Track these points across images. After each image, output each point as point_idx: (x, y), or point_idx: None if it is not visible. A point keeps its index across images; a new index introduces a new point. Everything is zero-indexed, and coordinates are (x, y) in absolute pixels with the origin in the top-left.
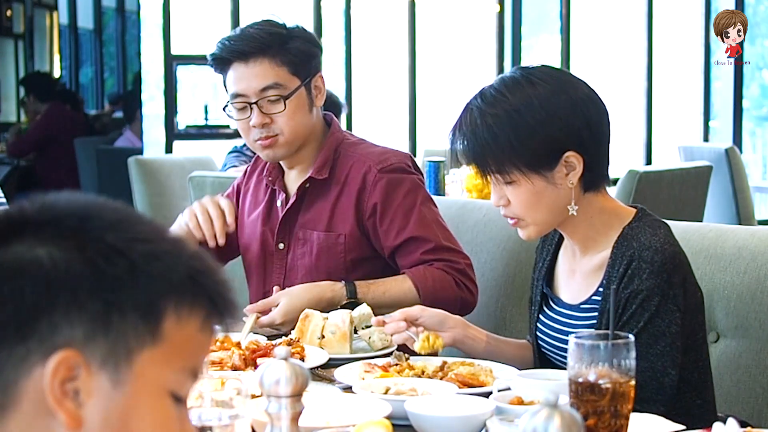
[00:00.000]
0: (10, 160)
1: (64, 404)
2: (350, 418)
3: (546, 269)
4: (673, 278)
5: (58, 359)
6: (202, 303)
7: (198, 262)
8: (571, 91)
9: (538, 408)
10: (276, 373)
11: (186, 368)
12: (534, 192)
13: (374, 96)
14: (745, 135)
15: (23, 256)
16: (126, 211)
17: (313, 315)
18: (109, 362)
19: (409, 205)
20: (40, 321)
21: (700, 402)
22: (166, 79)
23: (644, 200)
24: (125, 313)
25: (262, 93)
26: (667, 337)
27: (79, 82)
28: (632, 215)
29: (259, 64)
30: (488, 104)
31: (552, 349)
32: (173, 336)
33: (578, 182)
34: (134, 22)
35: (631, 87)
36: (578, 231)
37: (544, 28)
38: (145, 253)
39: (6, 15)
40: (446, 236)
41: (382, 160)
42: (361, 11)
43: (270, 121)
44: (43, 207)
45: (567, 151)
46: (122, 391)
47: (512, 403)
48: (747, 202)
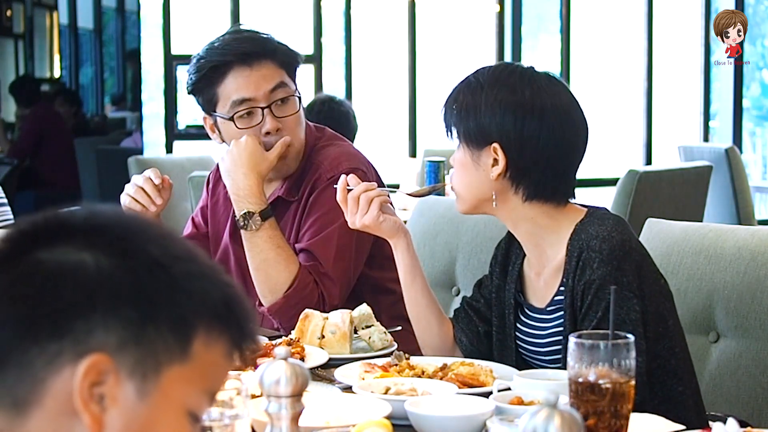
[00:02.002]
0: (10, 160)
1: (90, 407)
2: (350, 418)
3: (516, 276)
4: (623, 264)
5: (90, 362)
6: (232, 330)
7: (232, 290)
8: (532, 95)
9: (538, 408)
10: (276, 373)
11: (207, 391)
12: (462, 162)
13: (374, 96)
14: (745, 135)
15: (69, 257)
16: (168, 229)
17: (313, 315)
18: (138, 372)
19: (328, 221)
20: (77, 322)
21: (681, 389)
22: (166, 79)
23: (644, 200)
24: (159, 326)
25: (271, 94)
26: (627, 325)
27: (79, 82)
28: (583, 214)
29: (264, 65)
30: (477, 76)
31: (530, 354)
32: (201, 357)
33: (508, 183)
34: (134, 22)
35: (631, 87)
36: (521, 231)
37: (544, 28)
38: (185, 271)
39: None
40: (337, 264)
41: (333, 166)
42: (361, 11)
43: (282, 126)
44: (91, 215)
45: (494, 143)
46: (145, 403)
47: (512, 403)
48: (747, 202)
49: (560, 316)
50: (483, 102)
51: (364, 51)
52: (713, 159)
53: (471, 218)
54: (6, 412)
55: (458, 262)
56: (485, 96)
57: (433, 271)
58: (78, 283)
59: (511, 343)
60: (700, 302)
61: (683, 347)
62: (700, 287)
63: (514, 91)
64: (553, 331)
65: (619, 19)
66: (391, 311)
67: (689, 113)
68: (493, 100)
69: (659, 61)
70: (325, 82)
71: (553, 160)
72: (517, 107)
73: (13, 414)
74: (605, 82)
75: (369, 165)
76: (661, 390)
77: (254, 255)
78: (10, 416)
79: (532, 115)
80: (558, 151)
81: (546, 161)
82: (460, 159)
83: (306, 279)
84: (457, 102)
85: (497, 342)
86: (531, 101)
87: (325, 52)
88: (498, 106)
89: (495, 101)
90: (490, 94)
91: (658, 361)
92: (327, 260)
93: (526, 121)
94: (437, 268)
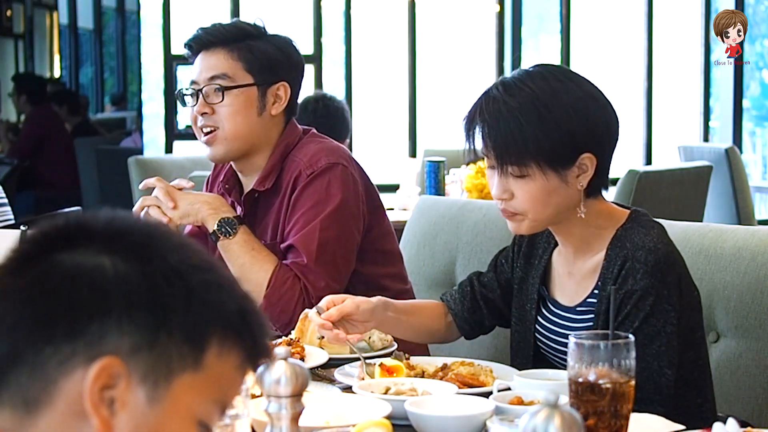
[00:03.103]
0: (10, 160)
1: (100, 410)
2: (350, 418)
3: (542, 270)
4: (667, 277)
5: (102, 365)
6: (246, 342)
7: (248, 302)
8: (596, 92)
9: (538, 408)
10: (276, 373)
11: (218, 401)
12: (546, 189)
13: (374, 96)
14: (745, 135)
15: (87, 261)
16: (187, 239)
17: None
18: (149, 378)
19: (311, 216)
20: (91, 324)
21: (700, 401)
22: (166, 79)
23: (644, 200)
24: (173, 333)
25: (209, 81)
26: (662, 337)
27: (79, 82)
28: (626, 217)
29: (215, 54)
30: (511, 94)
31: (549, 350)
32: (213, 367)
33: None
34: (134, 22)
35: (631, 87)
36: (574, 233)
37: (544, 28)
38: (203, 281)
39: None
40: (320, 257)
41: (312, 162)
42: (361, 11)
43: (211, 111)
44: (112, 220)
45: (585, 152)
46: (155, 410)
47: (512, 403)
48: (747, 202)
49: (590, 318)
50: (560, 115)
51: (364, 51)
52: (713, 159)
53: (471, 218)
54: (17, 411)
55: (458, 262)
56: (560, 107)
57: (433, 271)
58: (95, 286)
59: (530, 337)
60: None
61: (706, 359)
62: (700, 287)
63: (581, 90)
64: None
65: (619, 19)
66: None
67: (689, 113)
68: (572, 109)
69: (659, 61)
70: (325, 82)
71: (614, 149)
72: (596, 105)
73: (24, 413)
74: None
75: (350, 159)
76: (682, 402)
77: (232, 262)
78: (21, 415)
79: (605, 106)
80: (617, 138)
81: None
82: (540, 188)
83: (283, 276)
84: (523, 130)
85: (515, 334)
86: (598, 94)
87: (325, 52)
88: (582, 111)
89: (576, 108)
90: (566, 105)
91: (681, 372)
92: (310, 254)
93: (606, 115)
94: (437, 268)
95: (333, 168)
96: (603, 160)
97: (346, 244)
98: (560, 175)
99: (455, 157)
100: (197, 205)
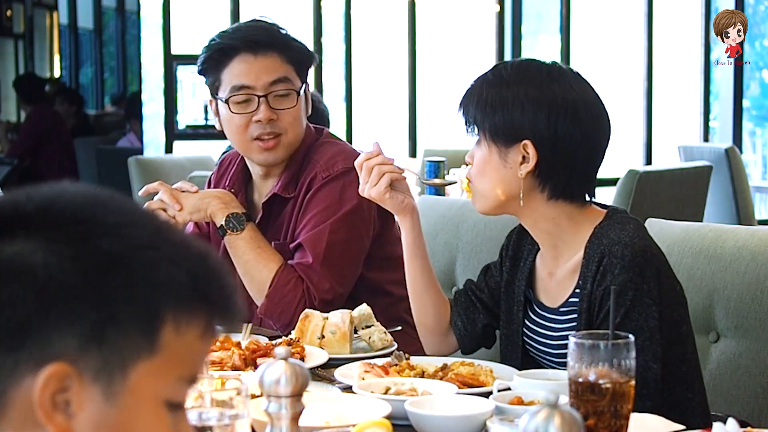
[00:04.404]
0: (10, 159)
1: (54, 418)
2: (350, 418)
3: (527, 273)
4: (645, 272)
5: (48, 372)
6: (203, 310)
7: (200, 267)
8: (563, 91)
9: (538, 408)
10: (276, 373)
11: (183, 377)
12: (487, 159)
13: (374, 96)
14: (745, 135)
15: (16, 260)
16: (129, 210)
17: (313, 315)
18: (103, 375)
19: (323, 218)
20: (30, 332)
21: (690, 395)
22: (166, 79)
23: (644, 200)
24: (121, 325)
25: (271, 86)
26: (645, 332)
27: (79, 82)
28: (602, 215)
29: (269, 56)
30: (506, 66)
31: (537, 352)
32: (171, 346)
33: (536, 182)
34: (134, 22)
35: (631, 87)
36: (541, 230)
37: (544, 27)
38: (144, 261)
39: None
40: (327, 259)
41: (329, 165)
42: (361, 11)
43: (276, 117)
44: (42, 204)
45: (525, 140)
46: (115, 404)
47: (512, 403)
48: (747, 202)
49: (573, 318)
50: (510, 97)
51: (364, 51)
52: (713, 159)
53: (471, 218)
54: None
55: (458, 262)
56: (512, 91)
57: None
58: (28, 291)
59: (518, 339)
60: (700, 302)
61: (693, 353)
62: (700, 287)
63: (542, 87)
64: (564, 333)
65: (619, 19)
66: (388, 313)
67: (689, 113)
68: (523, 95)
69: (659, 61)
70: (325, 82)
71: (582, 159)
72: (550, 104)
73: None
74: (605, 82)
75: None
76: (670, 396)
77: (237, 258)
78: None
79: (565, 112)
80: (587, 150)
81: (576, 160)
82: (483, 156)
83: (287, 276)
84: (481, 97)
85: (503, 337)
86: (562, 98)
87: (325, 52)
88: (528, 102)
89: (525, 97)
90: (518, 90)
91: (669, 367)
92: (316, 255)
93: (559, 119)
94: (437, 268)
95: (349, 173)
96: (548, 160)
97: (355, 249)
98: (500, 151)
99: (455, 157)
100: (207, 200)
